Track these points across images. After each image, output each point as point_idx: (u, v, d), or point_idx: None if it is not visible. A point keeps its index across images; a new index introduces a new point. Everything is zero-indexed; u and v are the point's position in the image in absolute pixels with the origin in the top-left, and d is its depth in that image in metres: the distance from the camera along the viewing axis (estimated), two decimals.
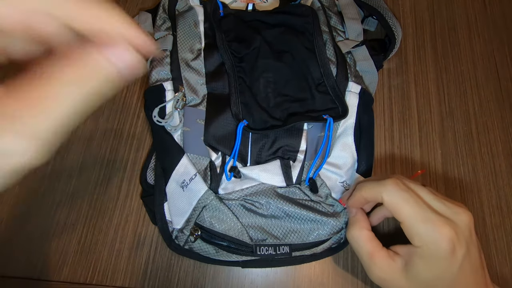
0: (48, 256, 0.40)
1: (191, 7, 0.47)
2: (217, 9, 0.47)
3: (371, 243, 0.32)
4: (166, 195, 0.39)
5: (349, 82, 0.43)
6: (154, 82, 0.43)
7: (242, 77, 0.43)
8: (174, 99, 0.41)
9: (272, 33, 0.45)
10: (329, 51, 0.45)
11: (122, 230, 0.41)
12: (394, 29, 0.46)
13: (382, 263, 0.31)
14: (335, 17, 0.48)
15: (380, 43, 0.49)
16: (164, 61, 0.43)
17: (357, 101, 0.43)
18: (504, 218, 0.43)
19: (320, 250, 0.39)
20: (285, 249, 0.37)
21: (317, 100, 0.42)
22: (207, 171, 0.40)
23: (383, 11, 0.47)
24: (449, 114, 0.48)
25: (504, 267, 0.40)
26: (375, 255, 0.32)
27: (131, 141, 0.46)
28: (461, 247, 0.29)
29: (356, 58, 0.46)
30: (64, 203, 0.42)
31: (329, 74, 0.43)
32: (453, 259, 0.29)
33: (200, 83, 0.43)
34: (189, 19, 0.46)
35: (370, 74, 0.45)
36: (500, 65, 0.51)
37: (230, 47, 0.44)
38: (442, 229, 0.28)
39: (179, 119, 0.41)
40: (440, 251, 0.29)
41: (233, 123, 0.41)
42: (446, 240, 0.28)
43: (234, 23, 0.46)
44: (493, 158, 0.46)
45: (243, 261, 0.38)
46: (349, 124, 0.42)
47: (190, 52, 0.44)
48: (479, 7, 0.55)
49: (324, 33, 0.46)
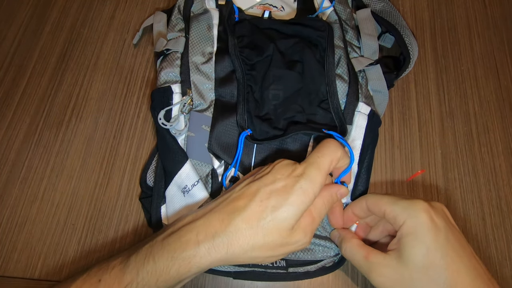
0: (48, 256, 0.40)
1: (206, 10, 0.46)
2: (233, 13, 0.46)
3: (363, 247, 0.33)
4: (165, 198, 0.39)
5: (359, 103, 0.42)
6: (163, 83, 0.42)
7: (251, 86, 0.42)
8: (181, 103, 0.41)
9: (286, 43, 0.44)
10: (342, 68, 0.43)
11: (122, 230, 0.41)
12: (410, 48, 0.45)
13: (378, 259, 0.31)
14: (352, 32, 0.47)
15: (395, 61, 0.48)
16: (174, 63, 0.43)
17: (366, 123, 0.42)
18: (504, 218, 0.43)
19: (314, 269, 0.38)
20: (281, 263, 0.37)
21: (319, 116, 0.41)
22: (208, 179, 0.39)
23: (401, 28, 0.46)
24: (449, 114, 0.48)
25: (504, 267, 0.40)
26: (370, 255, 0.32)
27: (131, 141, 0.46)
28: (439, 219, 0.30)
29: (368, 77, 0.44)
30: (64, 203, 0.42)
31: (334, 93, 0.42)
32: (436, 229, 0.29)
33: (209, 88, 0.42)
34: (203, 22, 0.45)
35: (381, 94, 0.44)
36: (500, 65, 0.51)
37: (242, 54, 0.43)
38: (416, 201, 0.31)
39: (184, 123, 0.41)
40: (420, 220, 0.30)
41: (238, 132, 0.40)
42: (421, 209, 0.30)
43: (248, 29, 0.45)
44: (493, 158, 0.46)
45: (235, 272, 0.37)
46: (356, 145, 0.41)
47: (201, 56, 0.43)
48: (479, 7, 0.55)
49: (339, 49, 0.44)
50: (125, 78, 0.49)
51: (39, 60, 0.50)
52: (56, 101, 0.48)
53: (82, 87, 0.49)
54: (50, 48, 0.51)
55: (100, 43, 0.51)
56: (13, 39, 0.51)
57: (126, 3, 0.55)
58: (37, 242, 0.40)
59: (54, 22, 0.53)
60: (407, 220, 0.30)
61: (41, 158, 0.45)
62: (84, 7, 0.54)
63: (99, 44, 0.51)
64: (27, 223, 0.41)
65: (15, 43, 0.51)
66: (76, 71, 0.50)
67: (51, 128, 0.46)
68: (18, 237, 0.41)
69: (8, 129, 0.46)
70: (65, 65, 0.50)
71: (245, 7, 0.49)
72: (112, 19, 0.53)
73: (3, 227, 0.41)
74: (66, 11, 0.54)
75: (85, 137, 0.46)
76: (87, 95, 0.48)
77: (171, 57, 0.43)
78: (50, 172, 0.44)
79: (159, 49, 0.45)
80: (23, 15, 0.53)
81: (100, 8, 0.54)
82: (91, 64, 0.50)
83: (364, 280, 0.40)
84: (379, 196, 0.34)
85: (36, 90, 0.48)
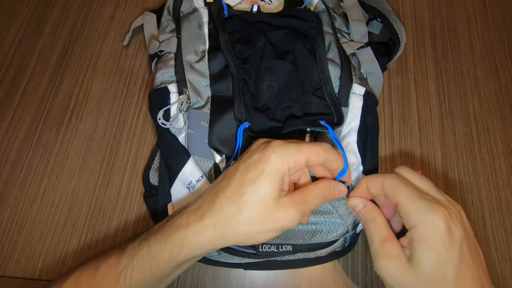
0: (48, 256, 0.40)
1: (195, 9, 0.47)
2: (222, 10, 0.47)
3: (386, 229, 0.32)
4: (171, 196, 0.39)
5: (354, 84, 0.43)
6: (159, 84, 0.43)
7: (246, 79, 0.43)
8: (178, 102, 0.41)
9: (276, 35, 0.45)
10: (333, 52, 0.44)
11: (122, 230, 0.41)
12: (398, 32, 0.46)
13: (393, 250, 0.30)
14: (340, 19, 0.48)
15: (385, 46, 0.49)
16: (168, 64, 0.43)
17: (362, 104, 0.42)
18: (504, 218, 0.43)
19: (324, 254, 0.38)
20: (287, 248, 0.37)
21: (314, 104, 0.42)
22: (212, 173, 0.40)
23: (388, 13, 0.47)
24: (449, 114, 0.48)
25: (504, 267, 0.40)
26: (388, 241, 0.31)
27: (131, 141, 0.46)
28: (457, 229, 0.29)
29: (360, 59, 0.45)
30: (64, 203, 0.42)
31: (328, 80, 0.43)
32: (451, 239, 0.28)
33: (204, 85, 0.43)
34: (193, 21, 0.46)
35: (375, 76, 0.45)
36: (500, 65, 0.51)
37: (234, 48, 0.44)
38: (436, 206, 0.29)
39: (183, 122, 0.41)
40: (436, 227, 0.28)
41: (236, 125, 0.41)
42: (439, 216, 0.28)
43: (238, 24, 0.46)
44: (493, 158, 0.46)
45: (245, 263, 0.38)
46: (353, 126, 0.42)
47: (194, 54, 0.44)
48: (479, 7, 0.55)
49: (329, 35, 0.45)
50: (125, 78, 0.49)
51: (39, 60, 0.50)
52: (56, 101, 0.48)
53: (82, 87, 0.49)
54: (50, 48, 0.51)
55: (100, 43, 0.51)
56: (13, 39, 0.51)
57: (126, 3, 0.55)
58: (37, 242, 0.40)
59: (54, 22, 0.53)
60: (420, 224, 0.29)
61: (41, 158, 0.45)
62: (84, 7, 0.54)
63: (99, 44, 0.51)
64: (27, 223, 0.41)
65: (15, 43, 0.51)
66: (76, 71, 0.50)
67: (51, 128, 0.46)
68: (18, 237, 0.41)
69: (8, 129, 0.46)
70: (65, 65, 0.50)
71: (233, 3, 0.50)
72: (112, 19, 0.53)
73: (3, 227, 0.41)
74: (66, 11, 0.54)
75: (85, 137, 0.46)
76: (87, 95, 0.48)
77: (165, 58, 0.44)
78: (50, 172, 0.44)
79: (152, 52, 0.45)
80: (23, 15, 0.53)
81: (100, 8, 0.54)
82: (91, 64, 0.50)
83: (364, 280, 0.40)
84: (400, 184, 0.31)
85: (36, 90, 0.48)
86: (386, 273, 0.30)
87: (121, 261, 0.30)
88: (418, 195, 0.30)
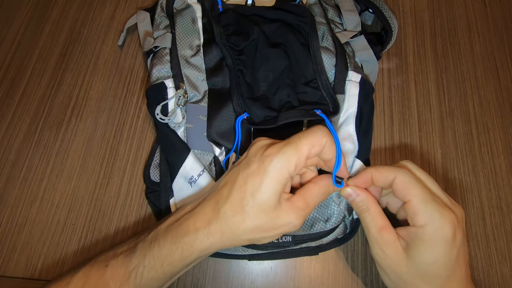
0: (48, 256, 0.40)
1: (188, 5, 0.48)
2: (216, 4, 0.48)
3: (382, 218, 0.32)
4: (173, 191, 0.39)
5: (349, 71, 0.43)
6: (155, 80, 0.43)
7: (242, 70, 0.43)
8: (175, 96, 0.41)
9: (270, 27, 0.46)
10: (327, 41, 0.45)
11: (122, 230, 0.41)
12: (390, 21, 0.46)
13: (389, 239, 0.31)
14: (332, 10, 0.48)
15: (377, 36, 0.49)
16: (164, 59, 0.43)
17: (358, 90, 0.42)
18: (504, 218, 0.43)
19: (326, 241, 0.39)
20: (287, 238, 0.38)
21: (309, 94, 0.42)
22: (212, 166, 0.40)
23: (379, 3, 0.47)
24: (449, 114, 0.48)
25: (504, 267, 0.40)
26: (384, 230, 0.31)
27: (131, 141, 0.46)
28: (459, 234, 0.30)
29: (355, 48, 0.46)
30: (64, 203, 0.42)
31: (322, 71, 0.43)
32: (453, 244, 0.29)
33: (201, 79, 0.43)
34: (187, 17, 0.46)
35: (370, 63, 0.45)
36: (500, 65, 0.51)
37: (229, 41, 0.44)
38: (446, 212, 0.30)
39: (181, 116, 0.41)
40: (443, 232, 0.29)
41: (235, 117, 0.41)
42: (449, 222, 0.29)
43: (233, 17, 0.46)
44: (493, 158, 0.46)
45: (249, 255, 0.38)
46: (351, 113, 0.42)
47: (189, 49, 0.44)
48: (479, 7, 0.55)
49: (322, 25, 0.46)
50: (125, 78, 0.49)
51: (39, 60, 0.50)
52: (56, 101, 0.48)
53: (82, 87, 0.49)
54: (50, 48, 0.51)
55: (100, 43, 0.51)
56: (13, 39, 0.51)
57: (126, 3, 0.55)
58: (37, 242, 0.40)
59: (54, 22, 0.53)
60: (428, 227, 0.30)
61: (41, 158, 0.45)
62: (84, 7, 0.54)
63: (99, 44, 0.51)
64: (27, 223, 0.41)
65: (15, 43, 0.51)
66: (76, 71, 0.50)
67: (51, 128, 0.46)
68: (18, 237, 0.41)
69: (8, 129, 0.46)
70: (65, 65, 0.50)
71: None
72: (112, 19, 0.53)
73: (3, 227, 0.41)
74: (66, 11, 0.54)
75: (85, 137, 0.46)
76: (87, 95, 0.48)
77: (160, 54, 0.44)
78: (50, 172, 0.44)
79: (147, 48, 0.45)
80: (23, 15, 0.53)
81: (100, 8, 0.54)
82: (91, 64, 0.50)
83: (364, 280, 0.40)
84: (412, 182, 0.31)
85: (36, 90, 0.48)
86: (382, 260, 0.32)
87: (131, 260, 0.30)
88: (431, 197, 0.31)
